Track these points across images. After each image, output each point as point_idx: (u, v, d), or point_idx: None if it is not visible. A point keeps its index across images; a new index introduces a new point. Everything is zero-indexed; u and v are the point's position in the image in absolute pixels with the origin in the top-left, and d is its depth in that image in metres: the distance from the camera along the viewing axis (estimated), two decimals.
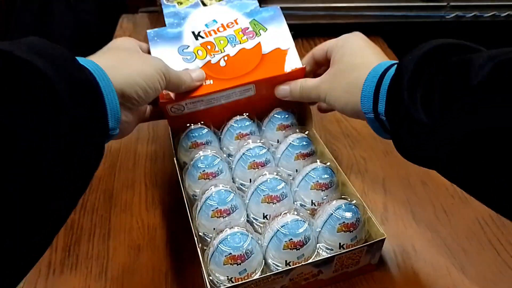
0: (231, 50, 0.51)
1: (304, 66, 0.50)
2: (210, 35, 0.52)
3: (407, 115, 0.32)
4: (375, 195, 0.52)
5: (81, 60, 0.33)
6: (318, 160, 0.45)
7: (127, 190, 0.53)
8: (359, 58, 0.40)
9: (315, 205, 0.44)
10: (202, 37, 0.52)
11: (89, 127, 0.31)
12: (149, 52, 0.49)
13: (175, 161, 0.49)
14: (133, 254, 0.45)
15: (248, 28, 0.52)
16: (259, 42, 0.52)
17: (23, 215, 0.26)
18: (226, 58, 0.51)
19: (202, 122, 0.51)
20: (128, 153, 0.58)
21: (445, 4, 0.83)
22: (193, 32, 0.52)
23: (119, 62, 0.38)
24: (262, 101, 0.52)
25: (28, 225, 0.26)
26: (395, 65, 0.35)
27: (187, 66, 0.49)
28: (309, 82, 0.45)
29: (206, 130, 0.50)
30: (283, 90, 0.49)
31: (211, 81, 0.50)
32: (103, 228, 0.48)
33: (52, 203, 0.28)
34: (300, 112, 0.54)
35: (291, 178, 0.47)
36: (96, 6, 1.23)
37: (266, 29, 0.52)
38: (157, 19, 0.96)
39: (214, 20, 0.53)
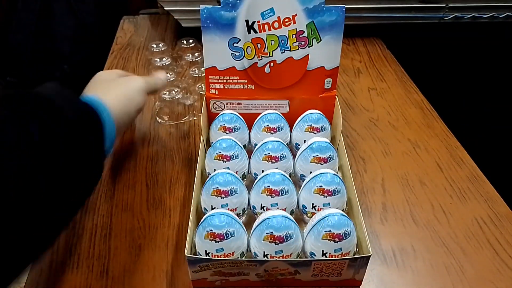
0: (279, 57, 0.52)
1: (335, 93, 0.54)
2: (263, 30, 0.51)
3: None
4: (374, 195, 0.52)
5: (88, 97, 0.42)
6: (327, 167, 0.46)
7: (128, 190, 0.53)
8: None
9: (315, 209, 0.44)
10: (255, 31, 0.51)
11: (89, 147, 0.36)
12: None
13: (203, 140, 0.53)
14: (134, 254, 0.45)
15: (303, 32, 0.51)
16: (308, 54, 0.52)
17: (23, 221, 0.27)
18: (272, 64, 0.52)
19: (235, 109, 0.55)
20: (129, 154, 0.59)
21: (443, 5, 0.83)
22: (247, 21, 0.50)
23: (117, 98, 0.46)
24: (295, 118, 0.54)
25: (28, 230, 0.28)
26: None
27: (234, 64, 0.52)
28: None
29: (236, 116, 0.53)
30: None
31: (253, 87, 0.54)
32: (104, 228, 0.48)
33: (52, 212, 0.31)
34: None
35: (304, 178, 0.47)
36: (97, 7, 1.23)
37: (320, 40, 0.51)
38: (158, 21, 0.96)
39: (272, 10, 0.50)
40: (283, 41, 0.51)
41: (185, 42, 0.81)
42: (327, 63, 0.53)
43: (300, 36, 0.51)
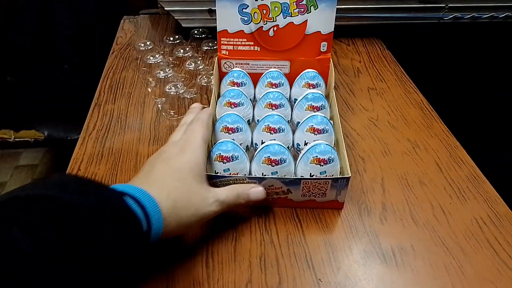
0: (281, 21, 0.59)
1: (329, 56, 0.60)
2: None
3: None
4: (374, 195, 0.53)
5: (138, 192, 0.36)
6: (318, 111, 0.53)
7: None
8: None
9: (306, 146, 0.49)
10: None
11: (127, 245, 0.32)
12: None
13: (214, 94, 0.58)
14: None
15: (303, 0, 0.57)
16: (306, 20, 0.59)
17: None
18: (275, 28, 0.60)
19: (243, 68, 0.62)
20: (130, 154, 0.59)
21: (443, 5, 0.83)
22: None
23: (178, 203, 0.39)
24: (295, 78, 0.60)
25: None
26: None
27: (243, 28, 0.60)
28: None
29: (244, 73, 0.60)
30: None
31: (258, 48, 0.61)
32: None
33: None
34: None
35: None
36: (97, 7, 1.23)
37: (317, 7, 0.58)
38: (158, 21, 0.96)
39: None
40: (285, 8, 0.58)
41: (171, 39, 0.83)
42: (323, 28, 0.60)
43: (300, 3, 0.58)
